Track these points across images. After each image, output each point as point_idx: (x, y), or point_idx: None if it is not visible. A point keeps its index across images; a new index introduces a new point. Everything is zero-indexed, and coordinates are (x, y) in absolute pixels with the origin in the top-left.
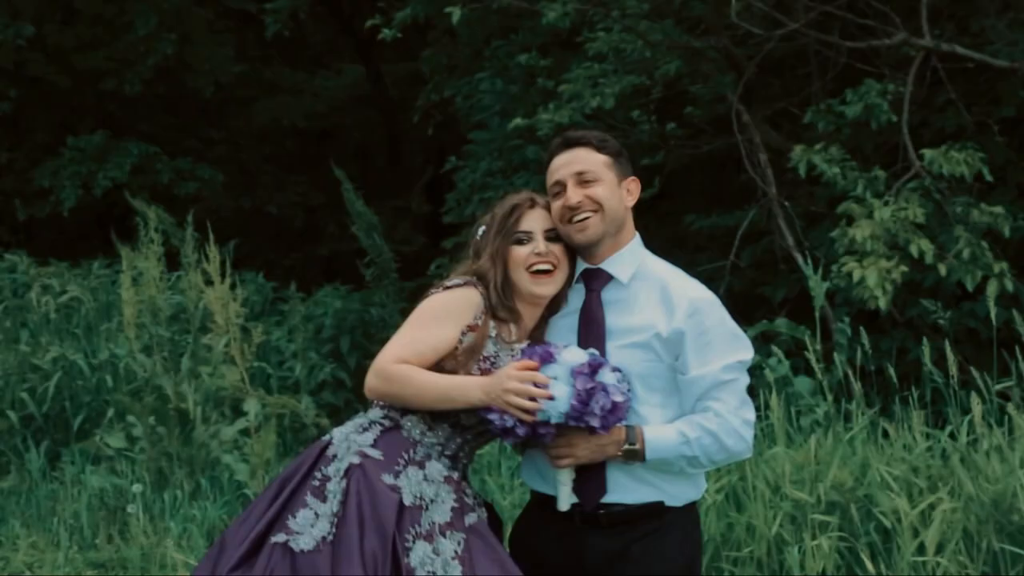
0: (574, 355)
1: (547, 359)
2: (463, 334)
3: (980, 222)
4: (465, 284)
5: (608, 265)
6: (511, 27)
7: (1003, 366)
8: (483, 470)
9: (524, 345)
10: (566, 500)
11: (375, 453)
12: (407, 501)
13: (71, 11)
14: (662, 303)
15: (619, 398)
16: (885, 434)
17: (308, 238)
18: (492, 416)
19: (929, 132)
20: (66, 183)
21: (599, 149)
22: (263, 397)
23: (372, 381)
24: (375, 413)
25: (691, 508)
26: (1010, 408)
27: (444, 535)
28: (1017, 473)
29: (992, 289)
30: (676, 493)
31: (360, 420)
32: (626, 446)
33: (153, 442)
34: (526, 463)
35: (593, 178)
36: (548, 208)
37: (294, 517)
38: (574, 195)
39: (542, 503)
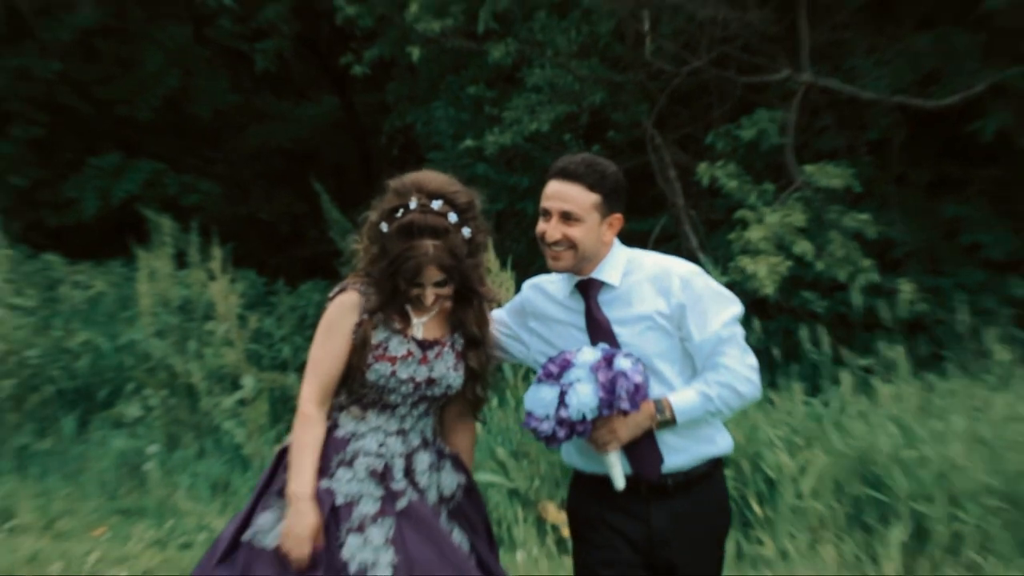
0: (588, 355)
1: (566, 366)
2: (354, 333)
3: (850, 227)
4: (343, 290)
5: (597, 274)
6: (462, 64)
7: (868, 345)
8: None
9: (419, 327)
10: (620, 478)
11: None
12: (339, 501)
13: (92, 50)
14: (656, 287)
15: (639, 379)
16: (771, 402)
17: (293, 241)
18: (531, 426)
19: (809, 152)
20: (88, 195)
21: (592, 188)
22: (257, 373)
23: (296, 415)
24: None
25: (724, 462)
26: (873, 380)
27: (375, 522)
28: (877, 433)
29: (859, 282)
30: (721, 442)
31: None
32: (658, 417)
33: (166, 411)
34: (569, 450)
35: (577, 218)
36: (437, 260)
37: (260, 515)
38: (554, 231)
39: (596, 481)
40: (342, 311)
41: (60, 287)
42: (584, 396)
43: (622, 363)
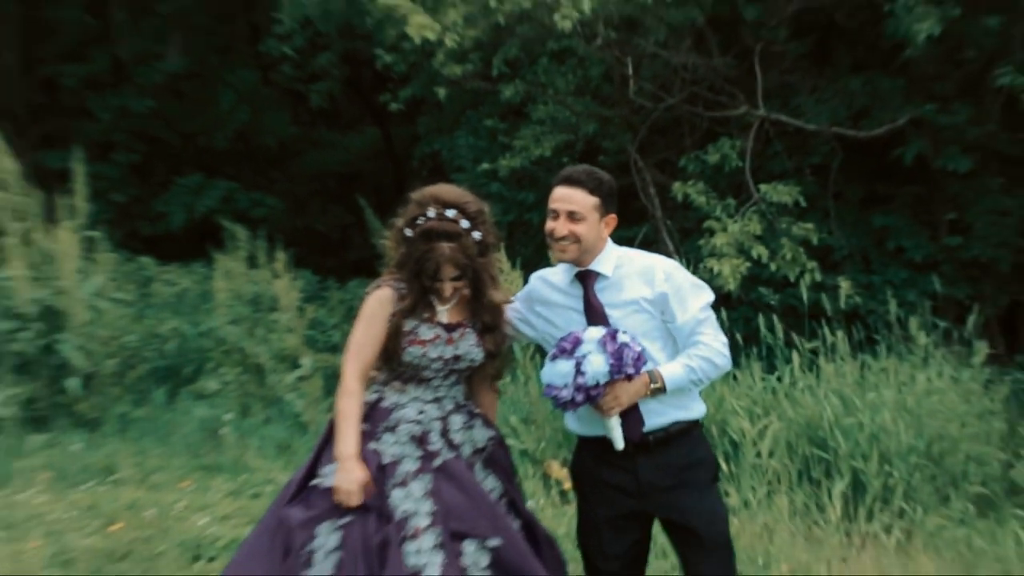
0: (594, 332)
1: (577, 343)
2: (389, 322)
3: (798, 234)
4: (379, 287)
5: (594, 266)
6: (480, 101)
7: (814, 331)
8: None
9: (444, 314)
10: (620, 439)
11: (365, 426)
12: (385, 461)
13: (179, 91)
14: (643, 278)
15: (639, 348)
16: (735, 378)
17: (342, 246)
18: (552, 395)
19: (763, 173)
20: (175, 209)
21: (592, 192)
22: (313, 355)
23: (339, 389)
24: (369, 390)
25: (701, 424)
26: (818, 360)
27: (416, 478)
28: (822, 403)
29: (805, 280)
30: (695, 408)
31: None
32: (652, 385)
33: (239, 385)
34: (570, 419)
35: (580, 217)
36: (453, 259)
37: (324, 467)
38: (562, 228)
39: (593, 443)
40: (379, 303)
41: (153, 284)
42: (597, 365)
43: (623, 337)
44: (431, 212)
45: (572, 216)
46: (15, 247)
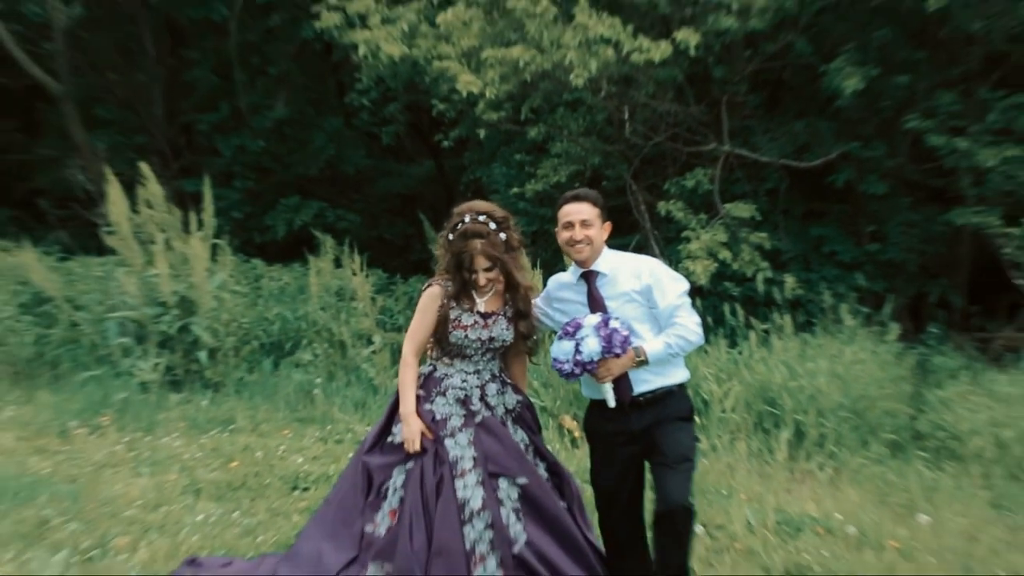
0: (592, 319)
1: (578, 327)
2: (438, 312)
3: (754, 242)
4: (430, 285)
5: (596, 266)
6: (511, 139)
7: (766, 316)
8: None
9: (482, 304)
10: (611, 399)
11: (421, 392)
12: (437, 417)
13: (282, 133)
14: (632, 274)
15: (625, 333)
16: (706, 351)
17: (405, 251)
18: (557, 367)
19: (728, 195)
20: (279, 223)
21: (594, 204)
22: (382, 334)
23: (401, 362)
24: (425, 364)
25: (685, 385)
26: (770, 338)
27: (462, 431)
28: (772, 371)
29: (760, 276)
30: (676, 376)
31: (420, 368)
32: (638, 359)
33: (326, 357)
34: (583, 386)
35: (590, 224)
36: (484, 252)
37: (395, 426)
38: (579, 234)
39: (600, 404)
40: (430, 298)
41: (262, 280)
42: (592, 347)
43: (614, 323)
44: (467, 218)
45: (584, 223)
46: (160, 251)
